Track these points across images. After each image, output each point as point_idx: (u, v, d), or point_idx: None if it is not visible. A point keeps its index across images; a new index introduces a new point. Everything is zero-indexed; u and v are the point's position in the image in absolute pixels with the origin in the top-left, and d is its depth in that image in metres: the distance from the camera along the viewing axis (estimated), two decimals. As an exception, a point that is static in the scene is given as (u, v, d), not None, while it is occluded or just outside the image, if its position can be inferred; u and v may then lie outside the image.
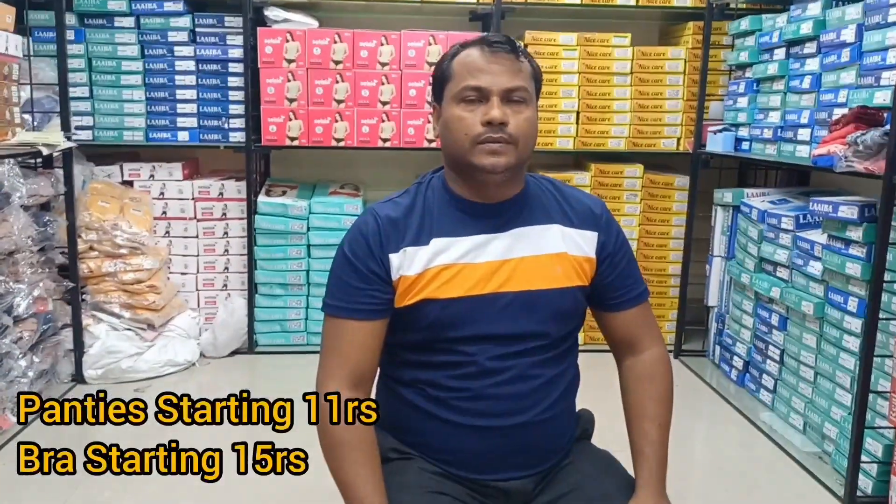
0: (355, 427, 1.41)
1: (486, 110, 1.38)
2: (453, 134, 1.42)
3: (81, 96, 3.63)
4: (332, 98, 3.68)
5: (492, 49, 1.40)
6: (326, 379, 1.45)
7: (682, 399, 3.38)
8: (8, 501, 2.39)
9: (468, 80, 1.39)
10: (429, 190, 1.52)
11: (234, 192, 3.81)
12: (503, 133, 1.38)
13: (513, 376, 1.43)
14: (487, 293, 1.44)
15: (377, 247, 1.43)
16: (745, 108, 3.51)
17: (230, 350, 3.73)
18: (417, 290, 1.42)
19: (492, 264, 1.45)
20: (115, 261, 3.43)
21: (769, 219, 3.17)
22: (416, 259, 1.43)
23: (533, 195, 1.52)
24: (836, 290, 2.72)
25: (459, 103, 1.40)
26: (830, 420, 2.73)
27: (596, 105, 3.82)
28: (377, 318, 1.44)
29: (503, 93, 1.38)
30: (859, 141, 2.35)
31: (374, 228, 1.45)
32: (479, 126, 1.38)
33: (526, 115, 1.41)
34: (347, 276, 1.45)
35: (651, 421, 1.53)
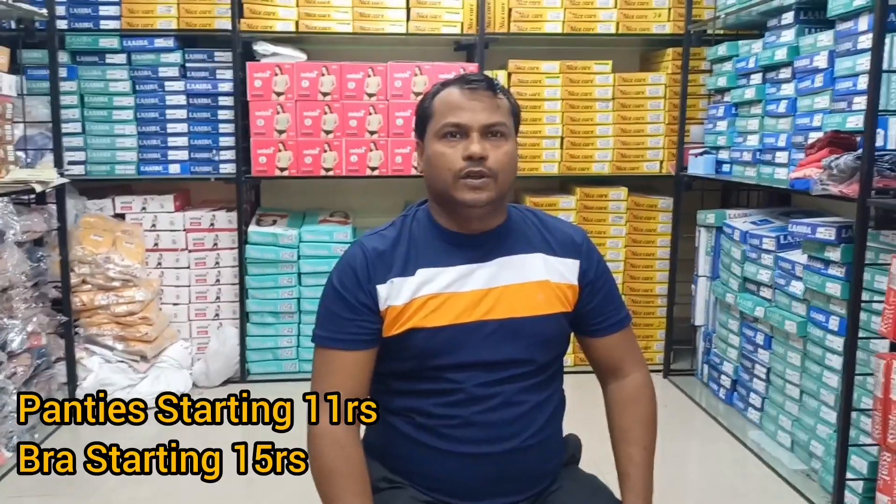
0: (347, 456, 1.44)
1: (466, 145, 1.43)
2: (436, 169, 1.46)
3: (74, 132, 3.68)
4: (321, 129, 3.74)
5: (470, 87, 1.45)
6: (316, 422, 1.48)
7: (672, 418, 3.43)
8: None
9: (449, 117, 1.45)
10: (414, 222, 1.56)
11: (225, 222, 3.85)
12: (483, 167, 1.43)
13: (500, 403, 1.46)
14: (473, 321, 1.48)
15: (365, 278, 1.47)
16: (725, 132, 3.58)
17: (223, 379, 3.75)
18: (405, 320, 1.46)
19: (477, 293, 1.48)
20: (108, 294, 3.46)
21: (751, 239, 3.23)
22: (403, 289, 1.47)
23: (515, 225, 1.57)
24: (817, 309, 2.77)
25: (441, 139, 1.45)
26: (817, 438, 2.77)
27: (579, 130, 3.89)
28: (366, 347, 1.48)
29: (482, 128, 1.43)
30: (833, 165, 2.42)
31: (361, 261, 1.49)
32: (460, 161, 1.43)
33: (505, 150, 1.46)
34: (337, 307, 1.48)
35: (636, 444, 1.57)
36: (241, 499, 2.46)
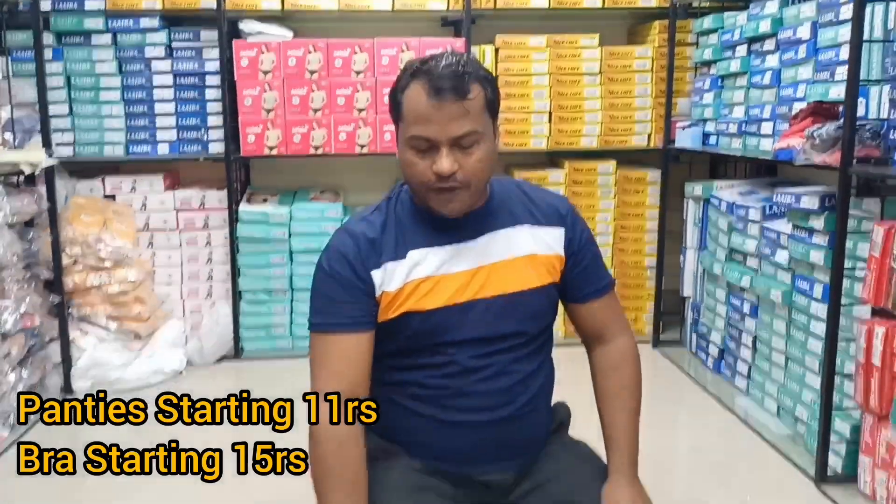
0: (344, 457, 1.43)
1: (435, 160, 1.39)
2: (409, 177, 1.45)
3: (61, 114, 3.67)
4: (309, 107, 3.74)
5: (438, 97, 1.37)
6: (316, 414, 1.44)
7: (661, 387, 3.48)
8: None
9: (416, 129, 1.40)
10: (398, 205, 1.55)
11: (216, 202, 3.86)
12: (454, 182, 1.40)
13: (493, 373, 1.48)
14: (465, 301, 1.49)
15: (359, 264, 1.46)
16: (711, 104, 3.60)
17: (217, 357, 3.78)
18: (398, 305, 1.47)
19: (466, 273, 1.50)
20: (100, 274, 3.47)
21: (737, 210, 3.26)
22: (396, 274, 1.47)
23: (499, 200, 1.57)
24: (802, 277, 2.82)
25: (410, 149, 1.42)
26: (802, 403, 2.82)
27: (567, 105, 3.91)
28: (365, 329, 1.46)
29: (451, 140, 1.39)
30: (815, 134, 2.45)
31: (353, 247, 1.47)
32: (429, 173, 1.40)
33: (477, 157, 1.41)
34: (331, 290, 1.46)
35: (621, 410, 1.60)
36: (241, 499, 2.46)
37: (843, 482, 2.51)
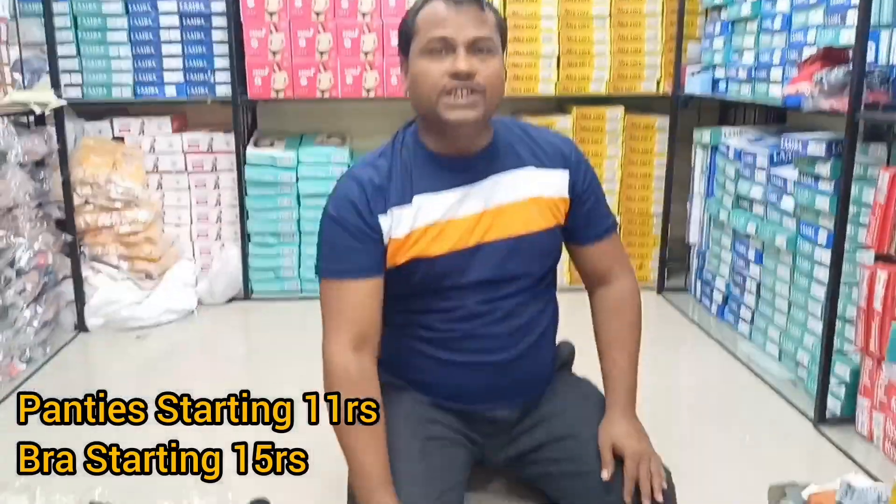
0: (361, 392, 1.44)
1: (452, 61, 1.38)
2: (421, 88, 1.42)
3: (69, 54, 3.67)
4: (316, 49, 3.73)
5: (457, 4, 1.39)
6: (331, 344, 1.44)
7: (665, 333, 3.52)
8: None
9: (433, 31, 1.39)
10: (403, 148, 1.54)
11: (223, 145, 3.87)
12: (471, 84, 1.39)
13: (500, 316, 1.50)
14: (471, 245, 1.50)
15: (366, 210, 1.45)
16: (721, 49, 3.57)
17: (227, 297, 3.84)
18: (406, 250, 1.48)
19: (473, 217, 1.50)
20: (111, 214, 3.51)
21: (745, 157, 3.26)
22: (403, 219, 1.47)
23: (503, 141, 1.56)
24: (807, 223, 2.83)
25: (426, 56, 1.41)
26: (803, 347, 2.86)
27: (576, 49, 3.88)
28: (375, 275, 1.46)
29: (469, 43, 1.38)
30: (824, 80, 2.44)
31: (359, 193, 1.46)
32: (445, 77, 1.38)
33: (493, 66, 1.41)
34: (339, 237, 1.46)
35: (620, 349, 1.61)
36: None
37: (841, 424, 2.55)
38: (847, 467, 2.30)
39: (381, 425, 1.43)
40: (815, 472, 2.36)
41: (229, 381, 3.01)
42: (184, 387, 2.87)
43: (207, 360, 3.26)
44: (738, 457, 2.39)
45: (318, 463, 1.54)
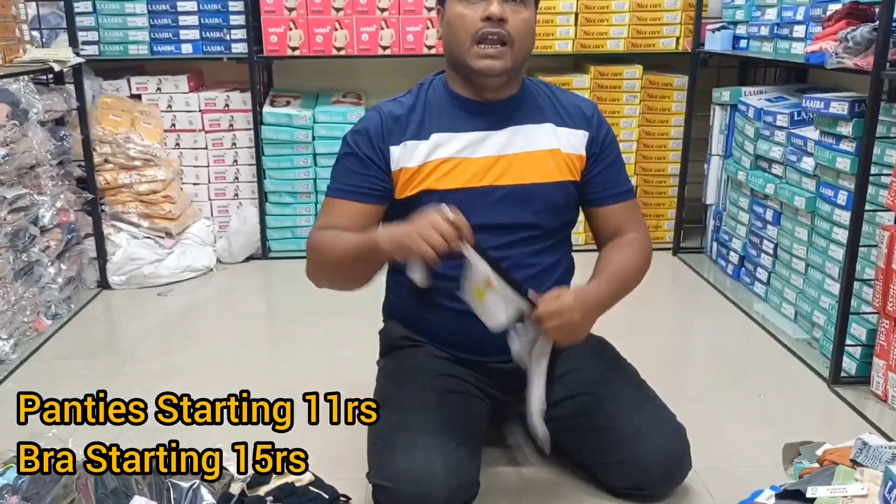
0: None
1: (486, 6, 1.45)
2: (454, 32, 1.50)
3: (85, 11, 3.66)
4: (331, 6, 3.70)
5: None
6: (312, 232, 1.58)
7: (681, 293, 3.54)
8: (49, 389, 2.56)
9: None
10: (430, 90, 1.60)
11: (240, 103, 3.88)
12: (501, 29, 1.45)
13: (510, 265, 1.53)
14: (484, 185, 1.53)
15: (378, 139, 1.54)
16: (743, 6, 3.52)
17: (245, 255, 3.87)
18: (418, 182, 1.52)
19: (488, 159, 1.53)
20: (131, 172, 3.53)
21: (765, 116, 3.23)
22: (417, 152, 1.53)
23: (529, 96, 1.61)
24: (826, 184, 2.81)
25: (461, 1, 1.48)
26: (819, 308, 2.86)
27: (594, 6, 3.83)
28: (371, 201, 1.54)
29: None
30: (849, 37, 2.40)
31: (377, 123, 1.56)
32: (478, 22, 1.46)
33: (524, 16, 1.48)
34: (349, 163, 1.56)
35: (614, 263, 1.61)
36: None
37: (855, 384, 2.56)
38: (861, 427, 2.31)
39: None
40: (829, 431, 2.38)
41: (248, 338, 3.06)
42: (203, 343, 2.95)
43: (227, 318, 3.30)
44: (753, 415, 2.41)
45: (319, 464, 1.56)
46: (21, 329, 2.82)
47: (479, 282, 1.37)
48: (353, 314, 3.14)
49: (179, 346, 2.92)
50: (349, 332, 2.91)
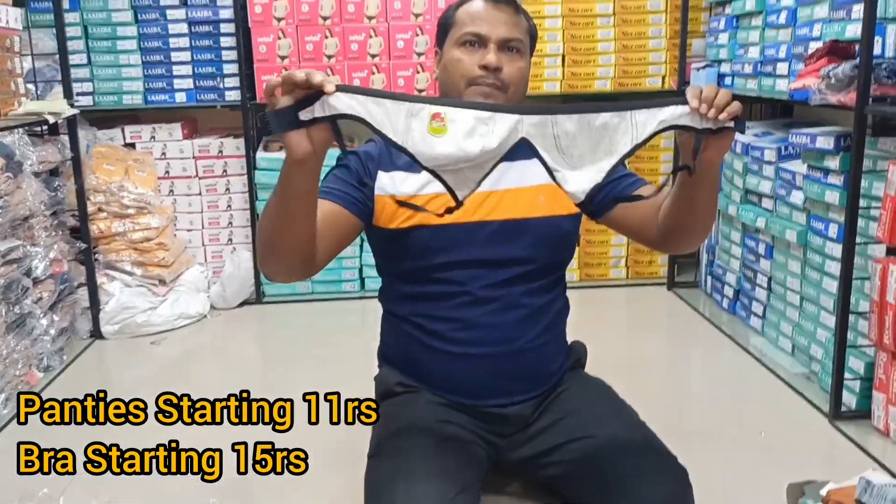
0: None
1: (482, 55, 1.48)
2: (450, 75, 1.52)
3: (80, 63, 3.71)
4: (323, 53, 3.75)
5: (495, 2, 1.51)
6: None
7: (677, 328, 3.54)
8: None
9: (469, 26, 1.50)
10: None
11: (234, 149, 3.90)
12: (496, 79, 1.48)
13: (504, 305, 1.52)
14: (476, 220, 1.54)
15: (368, 160, 1.54)
16: (726, 45, 3.57)
17: (239, 301, 3.86)
18: (411, 214, 1.53)
19: (480, 195, 1.53)
20: (124, 221, 3.54)
21: (753, 151, 3.27)
22: (408, 182, 1.53)
23: None
24: (817, 217, 2.84)
25: (459, 47, 1.51)
26: (816, 342, 2.86)
27: (581, 48, 3.89)
28: (345, 205, 1.48)
29: (500, 41, 1.49)
30: (832, 74, 2.44)
31: (373, 147, 1.57)
32: (475, 69, 1.48)
33: (519, 66, 1.51)
34: (335, 171, 1.52)
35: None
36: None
37: (856, 418, 2.55)
38: (864, 463, 2.30)
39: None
40: (831, 468, 2.36)
41: (243, 386, 3.01)
42: (198, 393, 2.92)
43: (221, 365, 3.28)
44: (754, 453, 2.40)
45: (319, 464, 1.53)
46: (13, 383, 2.80)
47: (419, 122, 1.17)
48: (347, 359, 3.13)
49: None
50: (345, 377, 2.88)
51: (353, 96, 1.16)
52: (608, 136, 1.23)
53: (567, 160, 1.24)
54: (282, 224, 1.35)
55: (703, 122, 1.22)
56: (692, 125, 1.22)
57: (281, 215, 1.34)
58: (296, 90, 1.16)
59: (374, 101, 1.17)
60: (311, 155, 1.21)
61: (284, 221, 1.35)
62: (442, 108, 1.18)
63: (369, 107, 1.17)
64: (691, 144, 1.28)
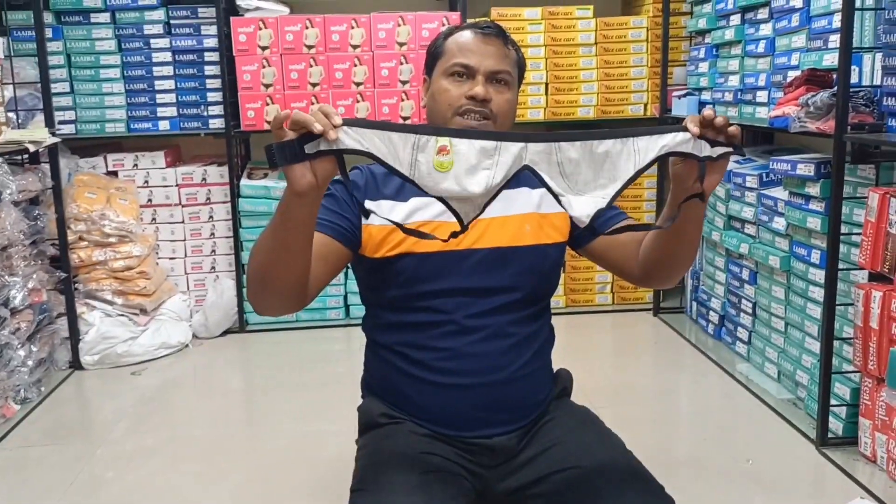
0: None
1: (471, 86, 1.49)
2: (438, 104, 1.52)
3: (62, 91, 3.70)
4: (307, 81, 3.76)
5: (484, 33, 1.52)
6: None
7: (663, 354, 3.53)
8: (18, 479, 2.50)
9: (458, 57, 1.51)
10: None
11: (217, 177, 3.89)
12: (484, 109, 1.49)
13: (489, 334, 1.51)
14: (461, 249, 1.53)
15: (356, 189, 1.53)
16: (706, 73, 3.62)
17: (222, 330, 3.83)
18: (397, 243, 1.52)
19: None
20: (105, 249, 3.51)
21: (735, 178, 3.29)
22: (395, 210, 1.53)
23: None
24: (799, 243, 2.85)
25: (448, 77, 1.52)
26: (802, 367, 2.86)
27: (563, 76, 3.92)
28: (334, 235, 1.47)
29: (489, 73, 1.50)
30: (810, 102, 2.47)
31: (358, 174, 1.56)
32: (462, 99, 1.49)
33: (507, 97, 1.52)
34: (324, 200, 1.47)
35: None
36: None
37: (843, 445, 2.55)
38: (852, 490, 2.30)
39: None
40: (819, 495, 2.36)
41: (225, 416, 3.01)
42: (179, 422, 2.90)
43: (203, 396, 3.24)
44: (743, 481, 2.39)
45: (302, 497, 1.51)
46: (-12, 417, 2.76)
47: (425, 156, 1.17)
48: (331, 387, 3.11)
49: (154, 427, 2.85)
50: (328, 406, 2.87)
51: (359, 130, 1.16)
52: (610, 161, 1.24)
53: (571, 186, 1.25)
54: (278, 258, 1.33)
55: (703, 149, 1.24)
56: (693, 152, 1.23)
57: (278, 249, 1.31)
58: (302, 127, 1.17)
59: (379, 135, 1.17)
60: (314, 188, 1.20)
61: (281, 255, 1.32)
62: (448, 139, 1.18)
63: (375, 141, 1.17)
64: (691, 175, 1.29)
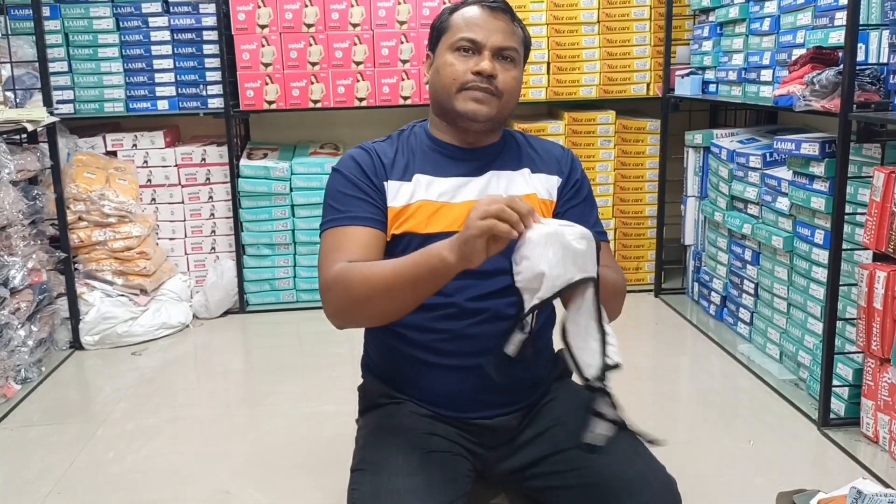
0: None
1: (477, 61, 1.48)
2: (442, 78, 1.51)
3: (61, 71, 3.67)
4: (307, 61, 3.73)
5: (491, 8, 1.51)
6: (325, 273, 1.43)
7: (664, 335, 3.52)
8: (18, 459, 2.50)
9: (465, 32, 1.50)
10: (412, 136, 1.62)
11: (217, 157, 3.87)
12: (490, 84, 1.48)
13: (490, 316, 1.51)
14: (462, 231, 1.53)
15: (372, 172, 1.53)
16: (710, 52, 3.58)
17: (222, 310, 3.82)
18: (401, 222, 1.51)
19: (468, 203, 1.53)
20: (105, 230, 3.50)
21: (738, 158, 3.26)
22: (401, 192, 1.53)
23: (508, 145, 1.63)
24: (803, 223, 2.83)
25: (453, 52, 1.51)
26: (804, 348, 2.86)
27: (565, 55, 3.88)
28: (376, 226, 1.49)
29: (496, 49, 1.49)
30: (815, 80, 2.44)
31: (367, 158, 1.54)
32: (468, 74, 1.48)
33: (513, 74, 1.51)
34: (345, 188, 1.50)
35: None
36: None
37: (845, 425, 2.54)
38: (854, 471, 2.29)
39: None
40: (821, 475, 2.35)
41: (226, 396, 3.01)
42: (179, 403, 2.90)
43: (203, 376, 3.24)
44: (744, 462, 2.38)
45: (302, 477, 1.50)
46: (-12, 397, 2.75)
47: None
48: (332, 368, 3.10)
49: (154, 408, 2.85)
50: (329, 386, 2.87)
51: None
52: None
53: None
54: (402, 302, 1.38)
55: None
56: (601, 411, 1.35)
57: (406, 296, 1.36)
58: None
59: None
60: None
61: (409, 303, 1.38)
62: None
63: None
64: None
